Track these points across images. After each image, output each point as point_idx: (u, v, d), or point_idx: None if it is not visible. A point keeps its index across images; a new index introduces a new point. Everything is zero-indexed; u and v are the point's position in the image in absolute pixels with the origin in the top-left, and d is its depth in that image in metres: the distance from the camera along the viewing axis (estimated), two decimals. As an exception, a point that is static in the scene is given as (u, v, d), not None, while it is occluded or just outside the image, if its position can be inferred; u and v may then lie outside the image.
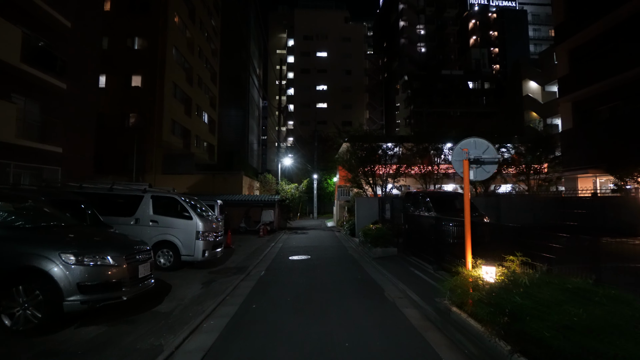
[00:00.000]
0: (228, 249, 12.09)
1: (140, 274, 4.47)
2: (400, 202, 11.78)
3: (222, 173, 23.60)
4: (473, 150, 4.42)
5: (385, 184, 16.38)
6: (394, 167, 16.85)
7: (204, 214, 8.60)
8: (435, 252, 7.51)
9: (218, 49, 37.46)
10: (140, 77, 23.78)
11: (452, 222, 7.10)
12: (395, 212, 11.28)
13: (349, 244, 13.16)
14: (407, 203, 12.23)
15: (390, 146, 17.32)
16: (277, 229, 19.97)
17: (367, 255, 9.80)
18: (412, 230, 9.36)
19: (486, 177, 4.63)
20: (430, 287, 6.05)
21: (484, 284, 3.85)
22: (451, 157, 4.79)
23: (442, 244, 7.34)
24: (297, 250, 11.51)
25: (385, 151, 16.71)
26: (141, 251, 4.60)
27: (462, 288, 4.12)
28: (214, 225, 8.56)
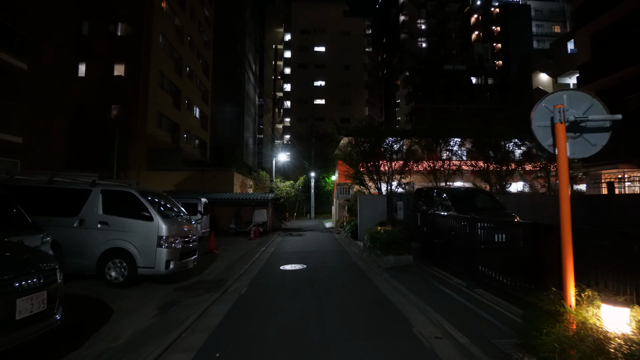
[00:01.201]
0: (210, 255, 10.32)
1: (21, 312, 2.70)
2: (412, 201, 10.06)
3: (212, 169, 21.78)
4: (569, 110, 2.71)
5: (391, 180, 14.65)
6: (400, 163, 15.13)
7: (172, 214, 6.82)
8: (468, 264, 5.77)
9: (211, 41, 35.64)
10: (124, 66, 21.96)
11: (495, 225, 5.37)
12: (408, 212, 9.53)
13: (352, 248, 11.41)
14: (419, 201, 10.52)
15: (393, 140, 15.59)
16: (270, 230, 18.20)
17: (375, 264, 8.06)
18: (433, 233, 7.61)
19: (591, 153, 2.93)
20: (474, 315, 4.32)
21: (614, 344, 2.10)
22: (533, 122, 3.09)
23: (479, 252, 5.61)
24: (291, 257, 9.75)
25: (391, 145, 14.97)
26: (28, 275, 2.80)
27: (559, 340, 2.37)
28: (185, 228, 6.78)
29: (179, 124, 26.20)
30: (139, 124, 21.26)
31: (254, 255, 10.07)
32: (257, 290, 6.12)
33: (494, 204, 9.37)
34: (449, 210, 8.87)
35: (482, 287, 5.33)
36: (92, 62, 21.71)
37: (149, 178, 21.06)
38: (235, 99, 43.99)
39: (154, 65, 22.11)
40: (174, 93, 25.65)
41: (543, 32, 60.80)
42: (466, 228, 5.95)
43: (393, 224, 9.81)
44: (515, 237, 5.60)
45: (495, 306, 4.60)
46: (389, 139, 15.13)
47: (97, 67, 21.71)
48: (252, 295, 5.71)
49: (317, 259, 9.22)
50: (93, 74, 21.64)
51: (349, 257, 9.53)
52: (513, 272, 4.62)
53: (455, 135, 16.15)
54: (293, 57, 51.63)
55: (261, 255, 10.18)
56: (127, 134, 20.79)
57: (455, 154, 15.93)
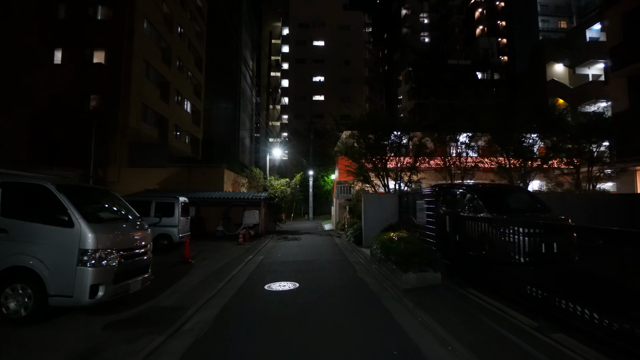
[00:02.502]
0: (183, 266, 8.43)
1: None
2: (432, 201, 8.15)
3: (200, 166, 19.87)
4: None
5: (400, 177, 12.78)
6: (408, 159, 13.27)
7: (110, 217, 4.93)
8: (535, 291, 3.88)
9: (204, 33, 33.71)
10: (104, 53, 20.04)
11: (593, 233, 3.51)
12: (429, 215, 7.63)
13: (356, 256, 9.53)
14: (437, 201, 8.63)
15: (402, 132, 13.71)
16: (263, 233, 16.31)
17: (389, 282, 6.17)
18: (469, 243, 5.72)
19: None
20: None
21: None
22: None
23: (552, 275, 3.74)
24: (282, 270, 7.86)
25: (400, 137, 13.09)
26: None
27: None
28: (131, 236, 4.89)
29: (167, 118, 24.29)
30: (121, 116, 19.36)
31: (236, 267, 8.18)
32: (225, 327, 4.23)
33: (534, 204, 7.51)
34: (480, 212, 7.01)
35: (565, 330, 3.46)
36: (69, 48, 19.83)
37: (131, 175, 19.20)
38: (231, 95, 42.21)
39: (138, 53, 20.21)
40: (161, 85, 23.75)
41: (549, 27, 59.22)
42: (533, 237, 4.07)
43: (408, 229, 7.92)
44: (569, 247, 3.92)
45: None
46: (396, 133, 13.23)
47: (75, 54, 19.82)
48: (215, 341, 3.82)
49: (314, 274, 7.32)
50: (70, 62, 19.74)
51: (354, 270, 7.63)
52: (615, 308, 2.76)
53: (470, 129, 14.36)
54: (291, 51, 49.73)
55: (245, 267, 8.28)
56: (108, 127, 18.91)
57: (472, 148, 14.10)
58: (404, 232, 7.72)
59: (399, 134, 13.00)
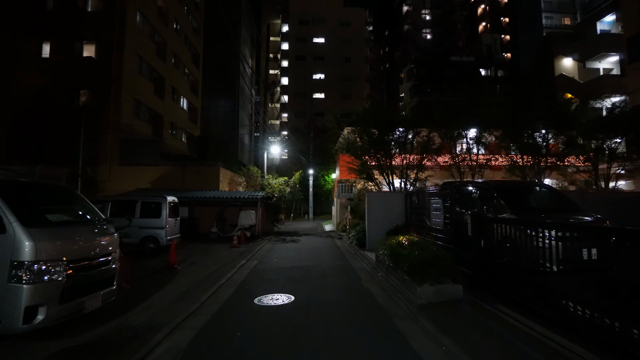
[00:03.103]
0: (166, 273, 7.56)
1: None
2: (447, 201, 7.27)
3: (194, 164, 18.99)
4: None
5: (406, 176, 11.89)
6: (415, 156, 12.38)
7: (60, 219, 4.05)
8: (616, 326, 3.00)
9: (202, 29, 32.82)
10: (94, 46, 19.20)
11: None
12: (447, 217, 6.75)
13: (359, 262, 8.65)
14: (448, 201, 7.74)
15: (407, 127, 12.83)
16: (260, 234, 15.44)
17: (400, 295, 5.28)
18: (501, 251, 4.81)
19: None
20: None
21: None
22: None
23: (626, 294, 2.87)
24: (276, 278, 6.98)
25: (406, 133, 12.20)
26: None
27: None
28: (91, 242, 4.02)
29: (162, 114, 23.42)
30: (112, 112, 18.50)
31: (226, 274, 7.31)
32: (199, 359, 3.36)
33: (562, 203, 6.62)
34: (501, 212, 6.13)
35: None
36: (58, 41, 18.98)
37: (122, 174, 18.37)
38: (230, 94, 41.37)
39: (130, 46, 19.35)
40: (156, 80, 22.89)
41: (552, 24, 58.34)
42: (585, 242, 3.20)
43: (419, 232, 7.03)
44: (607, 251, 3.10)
45: None
46: (402, 128, 12.33)
47: (64, 47, 18.97)
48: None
49: (313, 283, 6.43)
50: (59, 55, 18.89)
51: (358, 278, 6.74)
52: None
53: (480, 124, 13.54)
54: (291, 48, 48.84)
55: (237, 274, 7.40)
56: (98, 124, 18.06)
57: (482, 144, 13.23)
58: (415, 235, 6.86)
59: (404, 130, 12.11)
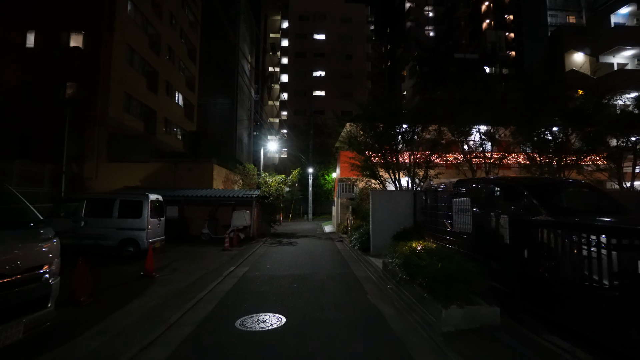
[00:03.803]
0: (143, 282, 6.54)
1: None
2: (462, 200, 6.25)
3: (186, 161, 17.95)
4: None
5: (414, 173, 10.86)
6: (421, 153, 11.39)
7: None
8: None
9: (199, 23, 31.79)
10: (82, 36, 18.17)
11: None
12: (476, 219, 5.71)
13: (363, 269, 7.62)
14: (475, 201, 6.71)
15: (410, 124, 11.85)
16: (255, 236, 14.41)
17: (418, 315, 4.25)
18: (554, 264, 3.76)
19: None
20: None
21: None
22: None
23: None
24: (266, 291, 5.95)
25: (413, 127, 11.18)
26: None
27: None
28: (9, 252, 3.01)
29: (156, 110, 22.41)
30: (99, 106, 17.48)
31: (209, 284, 6.28)
32: None
33: (605, 202, 5.59)
34: (535, 214, 5.11)
35: None
36: (43, 30, 17.98)
37: (111, 171, 17.37)
38: (228, 91, 40.37)
39: (120, 37, 18.34)
40: (149, 74, 21.88)
41: (557, 22, 57.41)
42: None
43: (436, 237, 6.00)
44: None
45: None
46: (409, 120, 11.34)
47: (50, 37, 17.96)
48: None
49: (309, 298, 5.39)
50: (44, 45, 17.89)
51: (364, 291, 5.71)
52: None
53: (492, 120, 12.60)
54: (291, 45, 47.81)
55: (221, 284, 6.37)
56: (86, 118, 17.10)
57: (495, 141, 12.25)
58: (430, 241, 5.85)
59: (412, 123, 11.10)
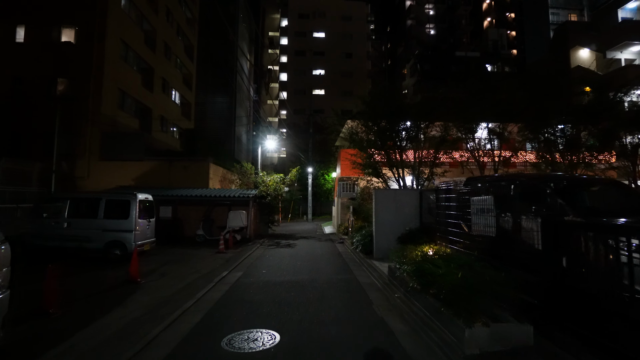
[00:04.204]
0: (126, 288, 5.97)
1: None
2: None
3: (182, 160, 17.37)
4: None
5: (419, 172, 10.30)
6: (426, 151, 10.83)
7: None
8: None
9: (196, 20, 31.23)
10: (74, 31, 17.61)
11: None
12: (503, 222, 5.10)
13: (367, 274, 7.06)
14: (499, 200, 6.11)
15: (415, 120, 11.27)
16: (252, 237, 13.84)
17: (435, 333, 3.69)
18: (599, 271, 3.18)
19: None
20: None
21: None
22: None
23: None
24: (260, 301, 5.37)
25: (419, 123, 10.62)
26: None
27: None
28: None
29: (151, 107, 21.84)
30: (92, 103, 16.92)
31: (198, 292, 5.71)
32: None
33: (636, 202, 5.04)
34: (560, 214, 4.54)
35: None
36: (33, 25, 17.43)
37: (103, 170, 16.82)
38: (227, 90, 39.84)
39: (114, 32, 17.78)
40: (144, 71, 21.35)
41: (559, 20, 57.07)
42: None
43: (451, 241, 5.42)
44: None
45: None
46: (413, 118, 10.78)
47: (40, 32, 17.43)
48: None
49: (308, 310, 4.81)
50: (35, 40, 17.34)
51: (369, 301, 5.14)
52: None
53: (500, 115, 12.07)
54: (290, 43, 47.24)
55: (211, 292, 5.80)
56: (78, 115, 16.56)
57: (504, 138, 11.69)
58: (443, 245, 5.27)
59: (417, 119, 10.54)
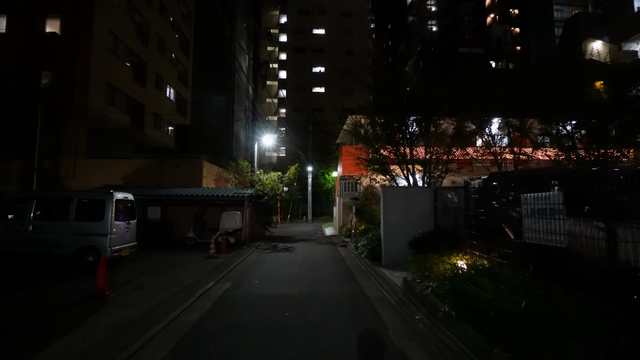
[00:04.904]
0: (87, 306, 4.93)
1: None
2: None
3: (173, 157, 16.34)
4: None
5: (430, 169, 9.26)
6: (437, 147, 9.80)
7: None
8: None
9: (193, 15, 30.21)
10: (59, 21, 16.62)
11: None
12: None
13: (377, 288, 6.02)
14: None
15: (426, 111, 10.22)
16: (247, 240, 12.80)
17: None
18: None
19: None
20: None
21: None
22: None
23: None
24: (247, 324, 4.34)
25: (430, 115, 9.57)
26: None
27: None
28: None
29: (144, 104, 20.84)
30: (78, 97, 15.92)
31: (173, 311, 4.67)
32: None
33: None
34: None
35: None
36: (16, 14, 16.42)
37: (90, 168, 15.83)
38: (225, 88, 38.90)
39: (102, 23, 16.79)
40: (136, 65, 20.35)
41: (563, 17, 56.16)
42: None
43: (488, 249, 4.37)
44: None
45: None
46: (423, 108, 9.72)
47: (24, 22, 16.43)
48: None
49: (307, 339, 3.76)
50: (18, 31, 16.34)
51: (383, 325, 4.11)
52: None
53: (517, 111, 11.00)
54: (289, 40, 46.22)
55: (187, 312, 4.75)
56: (63, 110, 15.62)
57: (524, 132, 10.63)
58: (476, 255, 4.24)
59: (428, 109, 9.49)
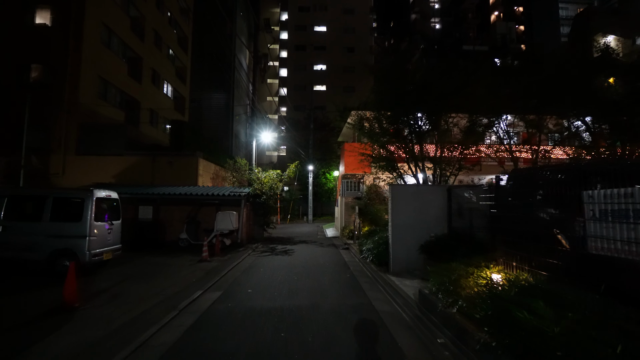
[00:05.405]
0: (51, 321, 4.19)
1: None
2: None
3: (166, 154, 15.60)
4: None
5: (442, 166, 8.49)
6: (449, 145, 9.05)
7: None
8: None
9: (191, 10, 29.49)
10: (49, 12, 15.92)
11: None
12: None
13: (386, 300, 5.27)
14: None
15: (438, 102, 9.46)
16: (244, 241, 12.05)
17: None
18: None
19: None
20: None
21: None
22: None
23: None
24: (233, 348, 3.59)
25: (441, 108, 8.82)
26: None
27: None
28: None
29: (139, 100, 20.13)
30: (68, 91, 15.22)
31: (146, 330, 3.93)
32: None
33: None
34: None
35: None
36: (3, 3, 15.73)
37: (80, 165, 15.11)
38: (224, 86, 38.19)
39: (94, 14, 16.09)
40: (131, 60, 19.64)
41: (568, 15, 55.46)
42: None
43: (529, 258, 3.62)
44: None
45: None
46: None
47: (11, 12, 15.75)
48: None
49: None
50: (5, 22, 15.66)
51: (399, 351, 3.31)
52: None
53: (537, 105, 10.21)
54: (290, 37, 45.48)
55: (163, 332, 3.99)
56: (53, 105, 14.92)
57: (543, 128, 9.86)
58: (513, 266, 3.49)
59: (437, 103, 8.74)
